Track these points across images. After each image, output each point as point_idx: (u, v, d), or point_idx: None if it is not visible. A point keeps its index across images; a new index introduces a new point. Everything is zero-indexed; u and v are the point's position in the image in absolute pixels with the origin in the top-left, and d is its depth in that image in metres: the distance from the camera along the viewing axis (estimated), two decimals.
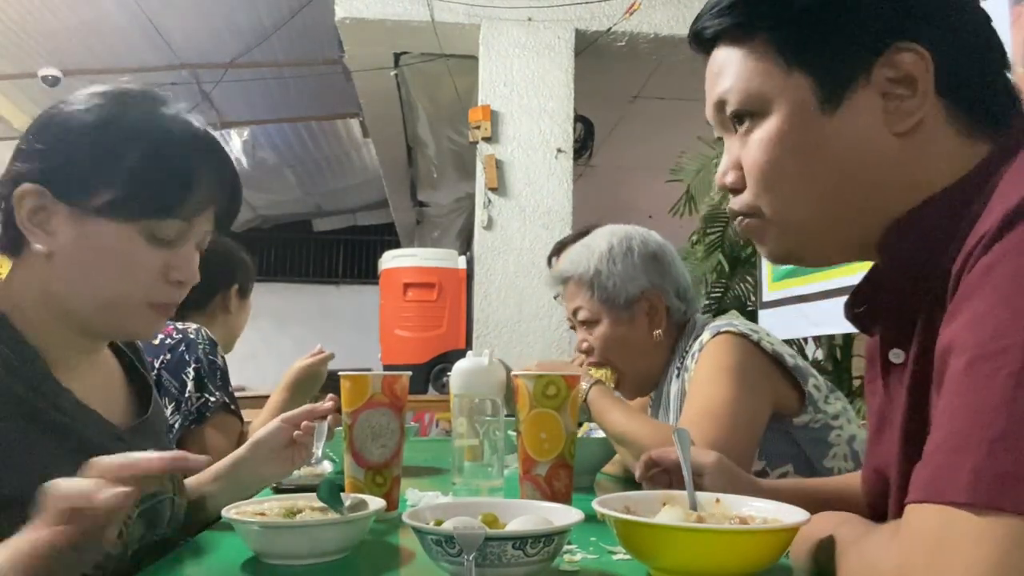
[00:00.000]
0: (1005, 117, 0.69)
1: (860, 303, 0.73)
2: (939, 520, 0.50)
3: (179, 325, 1.60)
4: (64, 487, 0.66)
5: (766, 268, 3.14)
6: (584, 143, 4.72)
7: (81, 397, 0.88)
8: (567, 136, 3.81)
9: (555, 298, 2.51)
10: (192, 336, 1.58)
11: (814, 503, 0.83)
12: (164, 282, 0.89)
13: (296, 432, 1.05)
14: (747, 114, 0.73)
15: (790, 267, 2.84)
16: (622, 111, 5.11)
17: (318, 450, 1.05)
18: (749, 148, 0.73)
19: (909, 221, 0.68)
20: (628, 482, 1.41)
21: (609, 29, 3.81)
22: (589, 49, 3.90)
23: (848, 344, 3.45)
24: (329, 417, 1.04)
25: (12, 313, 0.85)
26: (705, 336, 1.35)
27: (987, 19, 0.70)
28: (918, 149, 0.68)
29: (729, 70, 0.74)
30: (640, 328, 1.46)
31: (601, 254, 1.46)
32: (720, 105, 0.75)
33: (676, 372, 1.46)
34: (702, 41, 0.77)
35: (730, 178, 0.76)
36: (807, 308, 2.69)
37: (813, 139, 0.70)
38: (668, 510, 0.81)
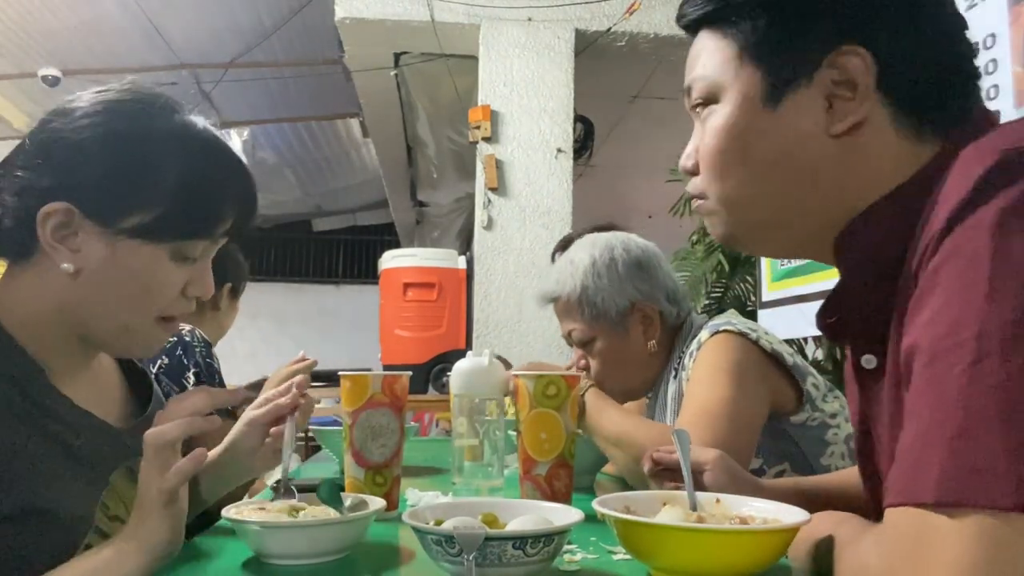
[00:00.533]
0: (965, 113, 0.69)
1: (831, 314, 0.74)
2: (914, 521, 0.51)
3: None
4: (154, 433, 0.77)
5: (766, 268, 3.14)
6: (584, 143, 4.72)
7: (79, 401, 0.87)
8: (567, 136, 3.81)
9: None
10: (188, 339, 1.58)
11: (815, 501, 0.83)
12: (179, 297, 0.89)
13: (267, 439, 1.01)
14: (704, 101, 0.75)
15: (790, 267, 2.84)
16: (622, 111, 5.11)
17: (287, 456, 0.99)
18: (704, 134, 0.76)
19: (860, 224, 0.68)
20: (628, 482, 1.41)
21: (609, 29, 3.81)
22: (589, 49, 3.90)
23: None
24: (296, 414, 1.00)
25: (6, 318, 0.84)
26: (703, 335, 1.35)
27: (951, 16, 0.70)
28: (858, 151, 0.69)
29: (700, 58, 0.77)
30: (636, 340, 1.45)
31: (585, 269, 1.44)
32: (688, 91, 0.78)
33: (674, 373, 1.45)
34: (687, 27, 0.79)
35: (690, 162, 0.78)
36: (807, 308, 2.68)
37: (754, 132, 0.72)
38: (668, 510, 0.81)
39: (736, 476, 0.94)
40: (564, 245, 2.37)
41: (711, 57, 0.75)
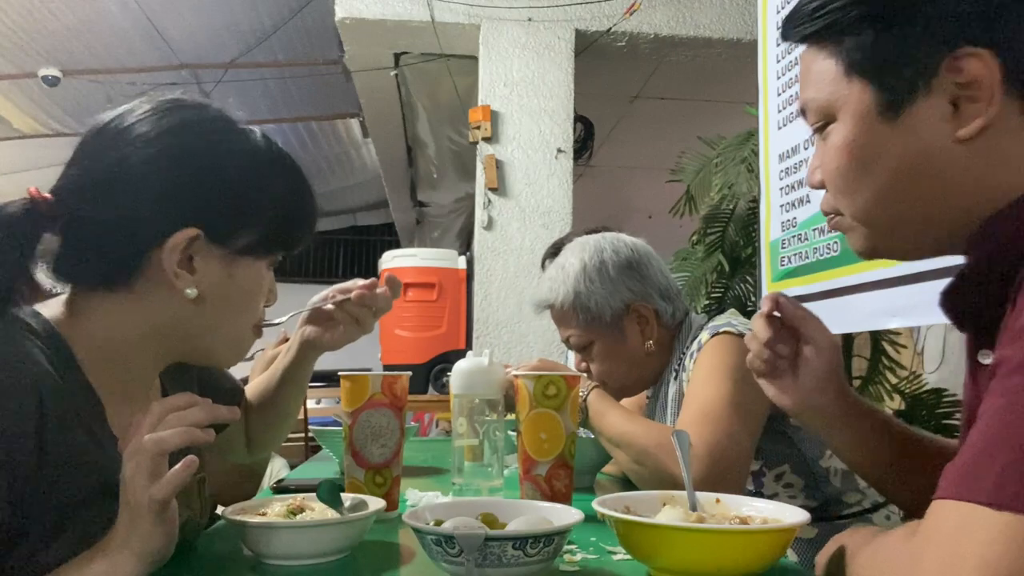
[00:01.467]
0: None
1: (956, 301, 0.73)
2: (961, 516, 0.51)
3: None
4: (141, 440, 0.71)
5: (766, 268, 3.14)
6: (584, 143, 4.72)
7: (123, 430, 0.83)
8: (567, 136, 3.81)
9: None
10: None
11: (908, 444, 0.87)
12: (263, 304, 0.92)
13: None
14: (822, 123, 0.75)
15: (790, 267, 2.84)
16: (622, 111, 5.11)
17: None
18: (825, 153, 0.75)
19: (992, 224, 0.67)
20: (628, 482, 1.41)
21: (609, 29, 3.81)
22: (589, 49, 3.90)
23: (848, 344, 3.45)
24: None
25: (81, 345, 0.80)
26: (703, 336, 1.35)
27: None
28: (989, 153, 0.67)
29: (809, 77, 0.77)
30: (633, 340, 1.45)
31: (576, 275, 1.44)
32: (802, 111, 0.78)
33: (674, 374, 1.45)
34: (793, 40, 0.79)
35: (816, 177, 0.79)
36: (807, 308, 2.68)
37: (875, 147, 0.71)
38: (668, 510, 0.81)
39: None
40: (554, 251, 2.37)
41: (820, 76, 0.74)
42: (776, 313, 0.91)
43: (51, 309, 0.81)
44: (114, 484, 0.75)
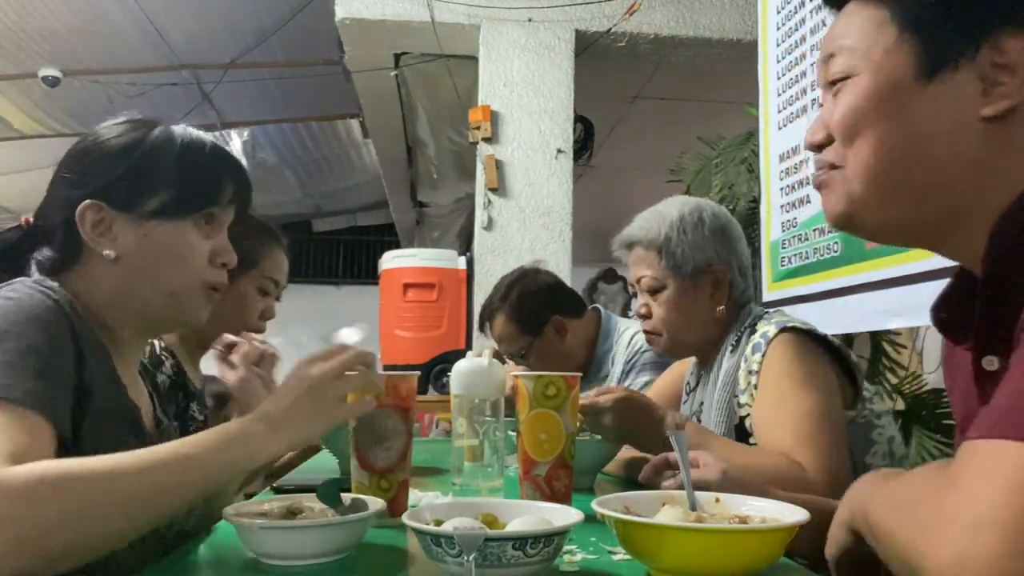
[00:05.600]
0: None
1: (949, 310, 0.73)
2: (994, 451, 0.51)
3: None
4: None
5: (766, 268, 3.14)
6: (584, 143, 4.71)
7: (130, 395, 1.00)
8: (567, 136, 3.81)
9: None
10: None
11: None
12: (212, 266, 1.04)
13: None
14: (847, 73, 0.73)
15: (790, 267, 2.84)
16: (622, 111, 5.11)
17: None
18: (843, 100, 0.73)
19: (1011, 217, 0.66)
20: (628, 482, 1.41)
21: (609, 29, 3.81)
22: (589, 49, 3.90)
23: (848, 344, 3.45)
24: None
25: (85, 312, 0.95)
26: (770, 330, 1.34)
27: None
28: (1008, 138, 0.67)
29: (849, 25, 0.75)
30: (703, 300, 1.47)
31: (672, 222, 1.47)
32: (828, 57, 0.76)
33: (731, 349, 1.45)
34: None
35: (819, 135, 0.76)
36: (807, 308, 2.68)
37: (899, 103, 0.70)
38: (668, 510, 0.81)
39: (746, 490, 0.91)
40: (489, 315, 2.36)
41: (864, 24, 0.73)
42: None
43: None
44: (140, 427, 0.98)
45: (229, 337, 1.35)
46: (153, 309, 1.01)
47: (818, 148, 0.76)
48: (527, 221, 3.72)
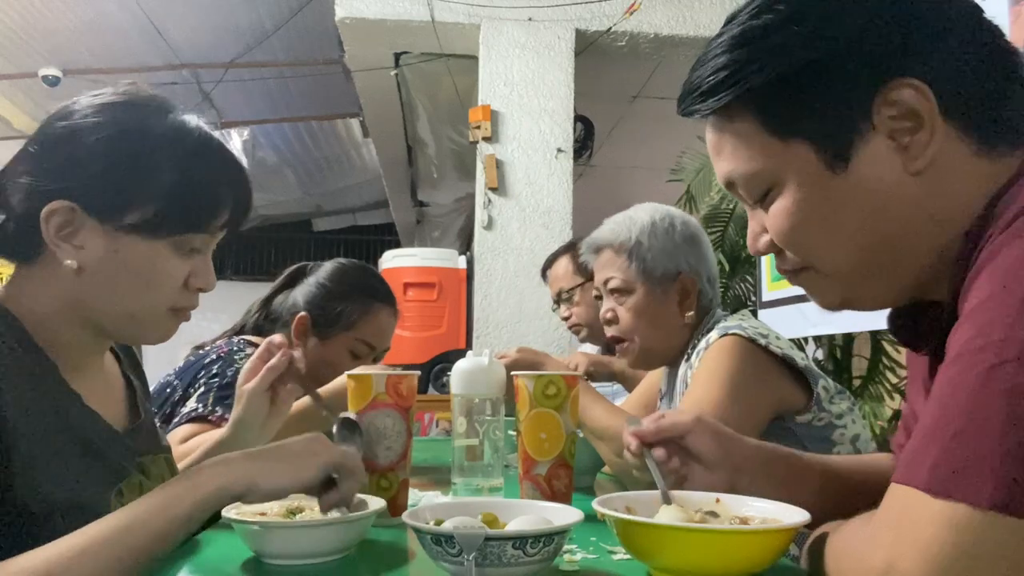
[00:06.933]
0: None
1: (905, 320, 0.74)
2: (905, 499, 0.55)
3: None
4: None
5: (765, 268, 3.14)
6: (584, 143, 4.71)
7: (86, 399, 0.89)
8: (567, 136, 3.81)
9: (553, 309, 2.50)
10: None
11: (806, 472, 0.90)
12: (185, 289, 0.91)
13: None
14: (761, 192, 0.72)
15: None
16: (622, 111, 5.11)
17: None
18: (772, 218, 0.72)
19: (960, 251, 0.65)
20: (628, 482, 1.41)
21: (609, 29, 3.81)
22: (589, 49, 3.90)
23: (848, 344, 3.45)
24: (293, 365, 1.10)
25: (25, 317, 0.86)
26: (713, 335, 1.35)
27: (989, 31, 0.68)
28: (939, 182, 0.66)
29: (726, 152, 0.73)
30: (670, 306, 1.47)
31: (643, 226, 1.47)
32: (730, 185, 0.75)
33: (686, 357, 1.47)
34: (702, 115, 0.74)
35: (760, 243, 0.75)
36: (807, 308, 2.68)
37: (832, 202, 0.68)
38: (668, 510, 0.81)
39: (720, 434, 0.90)
40: (551, 263, 2.38)
41: (744, 146, 0.71)
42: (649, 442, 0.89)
43: None
44: (90, 439, 0.86)
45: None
46: (108, 326, 0.90)
47: (763, 253, 0.76)
48: (527, 220, 3.72)
